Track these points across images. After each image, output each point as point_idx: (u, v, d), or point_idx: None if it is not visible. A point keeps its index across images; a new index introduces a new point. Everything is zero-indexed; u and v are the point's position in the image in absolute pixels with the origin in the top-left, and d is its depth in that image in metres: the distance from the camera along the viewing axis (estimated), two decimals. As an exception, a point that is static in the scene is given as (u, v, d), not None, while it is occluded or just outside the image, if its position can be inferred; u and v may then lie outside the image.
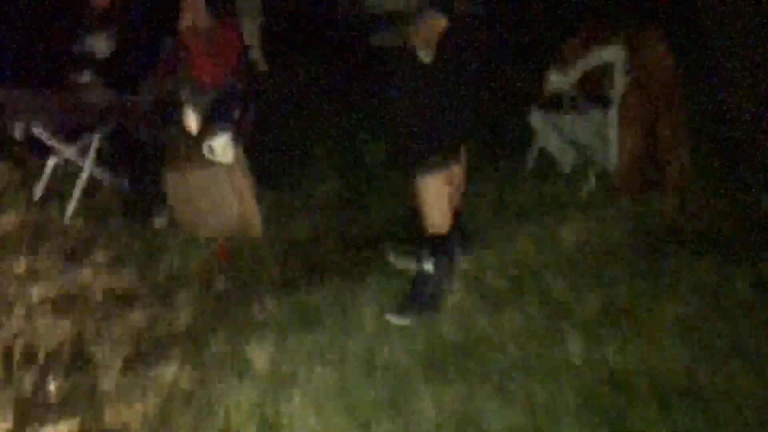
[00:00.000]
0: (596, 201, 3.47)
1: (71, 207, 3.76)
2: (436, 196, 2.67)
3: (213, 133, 3.44)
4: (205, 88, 3.81)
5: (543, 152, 3.85)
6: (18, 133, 3.81)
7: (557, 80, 3.63)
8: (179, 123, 3.60)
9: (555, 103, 3.65)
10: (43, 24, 4.18)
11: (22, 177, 4.07)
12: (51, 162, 3.93)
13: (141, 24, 4.16)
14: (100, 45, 4.15)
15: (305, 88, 5.46)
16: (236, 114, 3.86)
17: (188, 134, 3.57)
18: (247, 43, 5.45)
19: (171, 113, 3.72)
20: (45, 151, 3.90)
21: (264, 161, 4.20)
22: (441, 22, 2.42)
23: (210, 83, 3.82)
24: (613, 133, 3.43)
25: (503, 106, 4.37)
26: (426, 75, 2.53)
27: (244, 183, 3.45)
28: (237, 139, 3.59)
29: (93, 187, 3.94)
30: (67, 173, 3.99)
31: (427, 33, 2.44)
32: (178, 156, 3.51)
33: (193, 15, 3.83)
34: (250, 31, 5.76)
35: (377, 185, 3.90)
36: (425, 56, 2.47)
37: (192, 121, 3.56)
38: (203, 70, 3.82)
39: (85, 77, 4.02)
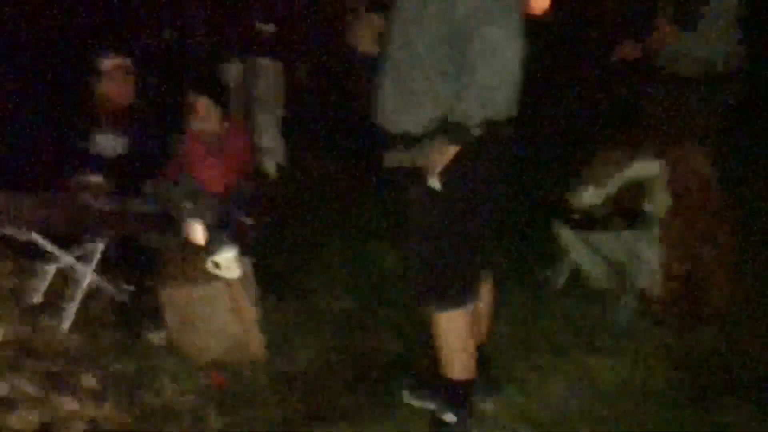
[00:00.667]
0: (634, 329, 3.14)
1: (68, 320, 3.50)
2: (454, 336, 2.36)
3: (218, 247, 3.20)
4: (211, 194, 3.60)
5: (573, 267, 3.55)
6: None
7: (590, 195, 3.35)
8: (182, 233, 3.37)
9: (586, 219, 3.36)
10: (52, 121, 4.02)
11: (16, 283, 3.83)
12: (50, 269, 3.70)
13: (154, 125, 4.00)
14: (111, 145, 3.98)
15: (318, 187, 5.24)
16: (244, 220, 3.64)
17: (191, 245, 3.33)
18: (259, 136, 5.31)
19: (174, 221, 3.50)
20: (44, 255, 3.68)
21: (271, 266, 3.95)
22: (449, 151, 2.18)
23: (217, 188, 3.61)
24: (651, 255, 3.13)
25: (530, 216, 4.09)
26: (439, 203, 2.26)
27: (246, 302, 3.17)
28: (244, 250, 3.35)
29: (89, 295, 3.69)
30: (65, 279, 3.75)
31: (434, 159, 2.20)
32: (177, 269, 3.27)
33: (203, 119, 3.66)
34: (269, 122, 5.60)
35: (391, 298, 3.60)
36: (434, 183, 2.22)
37: (198, 234, 3.32)
38: (211, 175, 3.62)
39: (93, 178, 3.84)
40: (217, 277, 3.15)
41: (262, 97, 5.65)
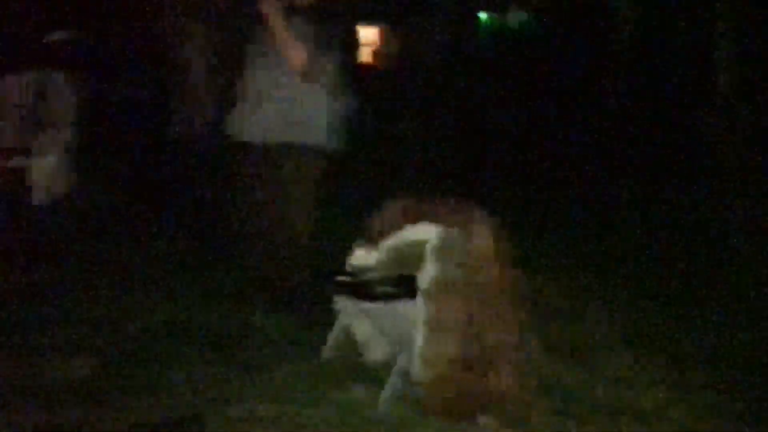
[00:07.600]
0: (402, 418, 2.70)
1: None
2: None
3: None
4: None
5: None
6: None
7: (362, 256, 2.95)
8: None
9: (360, 284, 2.94)
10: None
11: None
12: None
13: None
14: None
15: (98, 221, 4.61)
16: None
17: None
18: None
19: None
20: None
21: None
22: None
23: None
24: (418, 333, 2.72)
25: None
26: None
27: None
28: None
29: None
30: None
31: None
32: None
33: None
34: (53, 143, 4.91)
35: (143, 368, 3.02)
36: None
37: None
38: None
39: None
40: None
41: (48, 115, 4.96)
